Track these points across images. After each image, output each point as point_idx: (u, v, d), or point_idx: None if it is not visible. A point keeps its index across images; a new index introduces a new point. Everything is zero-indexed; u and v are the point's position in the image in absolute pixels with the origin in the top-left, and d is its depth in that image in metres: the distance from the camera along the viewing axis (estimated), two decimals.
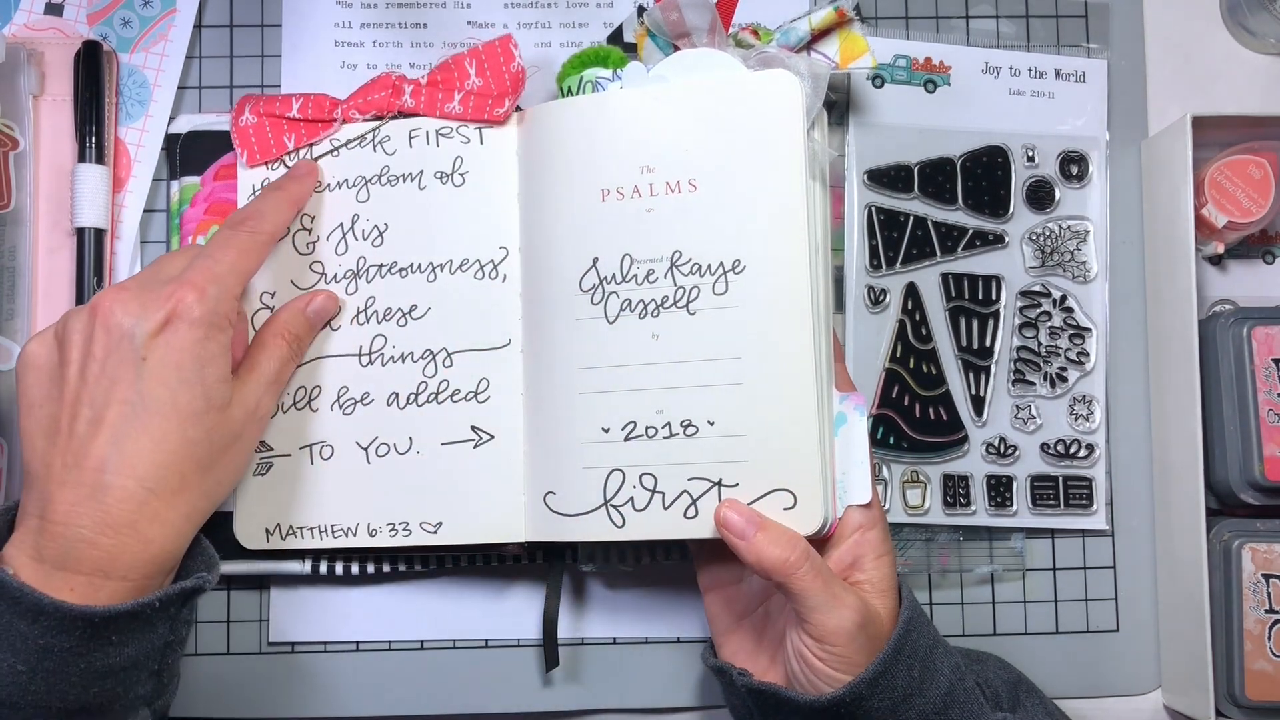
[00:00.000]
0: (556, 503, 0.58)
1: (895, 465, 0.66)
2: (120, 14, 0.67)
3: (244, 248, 0.56)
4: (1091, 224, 0.68)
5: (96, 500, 0.50)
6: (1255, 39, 0.70)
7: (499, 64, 0.62)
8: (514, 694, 0.66)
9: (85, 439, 0.51)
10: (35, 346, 0.53)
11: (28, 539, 0.50)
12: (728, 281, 0.56)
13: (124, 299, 0.52)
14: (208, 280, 0.53)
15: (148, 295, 0.52)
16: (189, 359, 0.52)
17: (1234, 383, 0.64)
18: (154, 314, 0.52)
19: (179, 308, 0.52)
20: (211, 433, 0.53)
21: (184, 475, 0.52)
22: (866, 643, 0.53)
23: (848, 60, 0.60)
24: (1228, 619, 0.63)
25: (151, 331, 0.52)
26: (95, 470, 0.50)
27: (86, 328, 0.52)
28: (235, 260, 0.55)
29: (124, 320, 0.52)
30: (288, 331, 0.59)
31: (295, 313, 0.60)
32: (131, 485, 0.50)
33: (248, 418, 0.56)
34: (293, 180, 0.61)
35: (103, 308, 0.52)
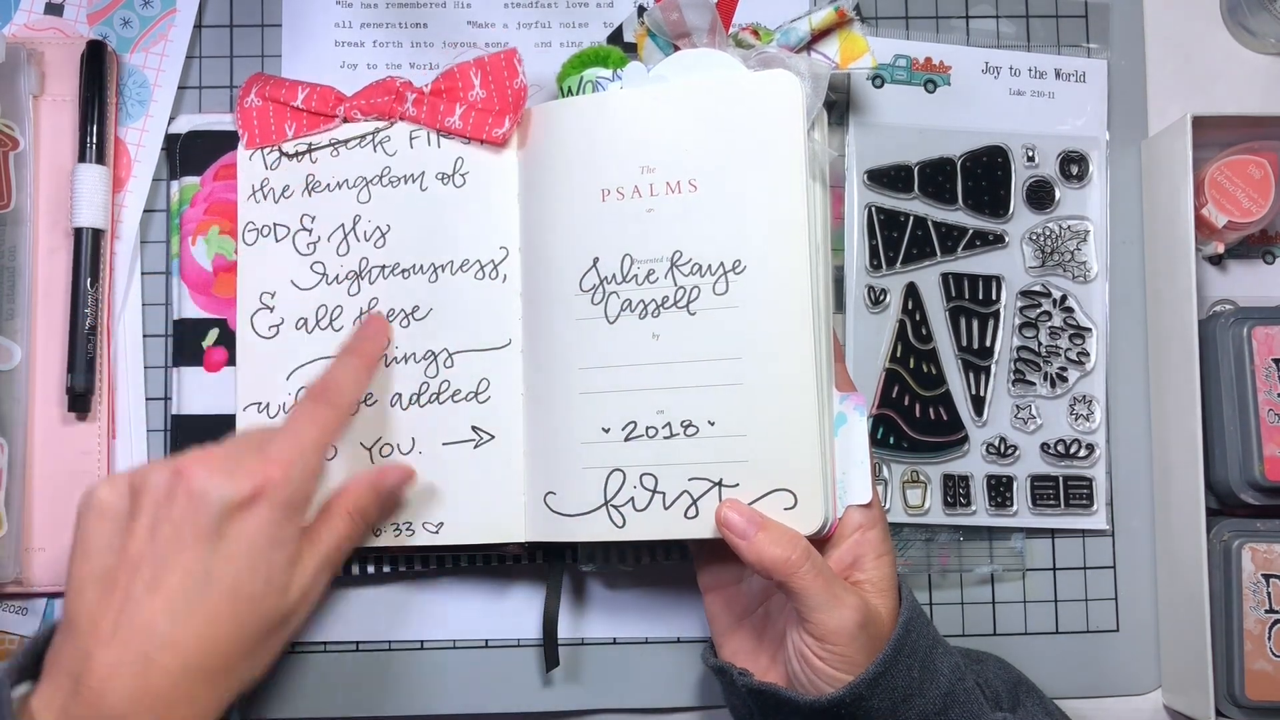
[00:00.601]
0: (557, 503, 0.58)
1: (895, 465, 0.66)
2: (120, 14, 0.67)
3: (326, 423, 0.54)
4: (1091, 224, 0.68)
5: (138, 671, 0.47)
6: (1255, 39, 0.70)
7: (503, 78, 0.62)
8: (514, 694, 0.66)
9: (139, 601, 0.48)
10: (107, 493, 0.50)
11: (58, 698, 0.48)
12: (728, 282, 0.56)
13: (212, 467, 0.50)
14: (294, 459, 0.52)
15: (236, 468, 0.50)
16: (263, 541, 0.50)
17: (1234, 383, 0.64)
18: (240, 487, 0.50)
19: (265, 486, 0.50)
20: (264, 619, 0.51)
21: (229, 659, 0.50)
22: (868, 642, 0.53)
23: (848, 60, 0.60)
24: (1228, 619, 0.63)
25: (234, 506, 0.50)
26: (143, 637, 0.48)
27: (168, 486, 0.50)
28: (318, 437, 0.54)
29: (209, 489, 0.49)
30: (354, 508, 0.56)
31: (365, 488, 0.57)
32: (175, 664, 0.48)
33: (301, 600, 0.53)
34: (365, 341, 0.60)
35: (189, 472, 0.50)
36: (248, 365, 0.63)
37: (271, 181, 0.63)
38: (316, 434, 0.54)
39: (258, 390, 0.63)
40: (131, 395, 0.66)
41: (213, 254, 0.64)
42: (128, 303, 0.66)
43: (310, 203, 0.63)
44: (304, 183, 0.63)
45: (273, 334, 0.63)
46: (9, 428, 0.63)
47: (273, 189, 0.63)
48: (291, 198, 0.63)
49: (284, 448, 0.52)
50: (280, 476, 0.51)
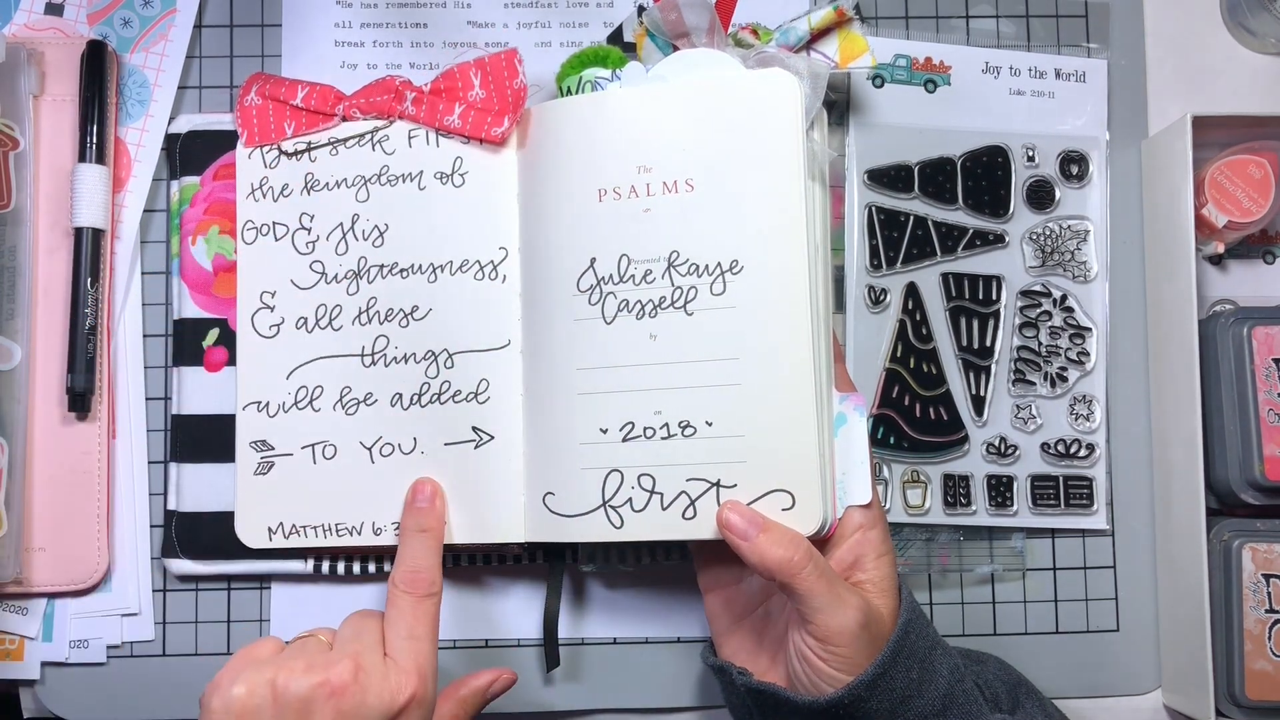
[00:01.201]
0: (556, 503, 0.58)
1: (895, 465, 0.66)
2: (120, 14, 0.67)
3: (433, 618, 0.55)
4: (1091, 224, 0.68)
5: None
6: (1255, 39, 0.70)
7: (503, 78, 0.62)
8: (514, 694, 0.65)
9: None
10: (244, 694, 0.50)
11: None
12: (725, 282, 0.56)
13: (363, 682, 0.51)
14: (429, 670, 0.53)
15: (384, 683, 0.51)
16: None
17: (1234, 383, 0.64)
18: (393, 702, 0.51)
19: (411, 702, 0.52)
20: None
21: None
22: (869, 642, 0.53)
23: (847, 60, 0.60)
24: (1228, 619, 0.63)
25: (392, 714, 0.51)
26: None
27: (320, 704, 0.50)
28: (432, 635, 0.55)
29: (366, 709, 0.50)
30: (465, 715, 0.58)
31: (476, 693, 0.58)
32: None
33: None
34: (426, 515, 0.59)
35: (345, 690, 0.50)
36: (249, 365, 0.63)
37: (270, 180, 0.63)
38: (431, 634, 0.55)
39: (258, 390, 0.63)
40: (131, 395, 0.66)
41: (213, 254, 0.64)
42: (128, 303, 0.66)
43: (309, 201, 0.63)
44: (303, 181, 0.63)
45: (273, 333, 0.63)
46: (9, 428, 0.63)
47: (271, 188, 0.63)
48: (290, 196, 0.63)
49: (416, 657, 0.53)
50: (422, 688, 0.52)
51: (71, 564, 0.64)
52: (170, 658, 0.65)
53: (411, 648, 0.54)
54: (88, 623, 0.65)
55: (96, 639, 0.65)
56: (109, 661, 0.65)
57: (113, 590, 0.65)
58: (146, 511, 0.66)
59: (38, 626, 0.64)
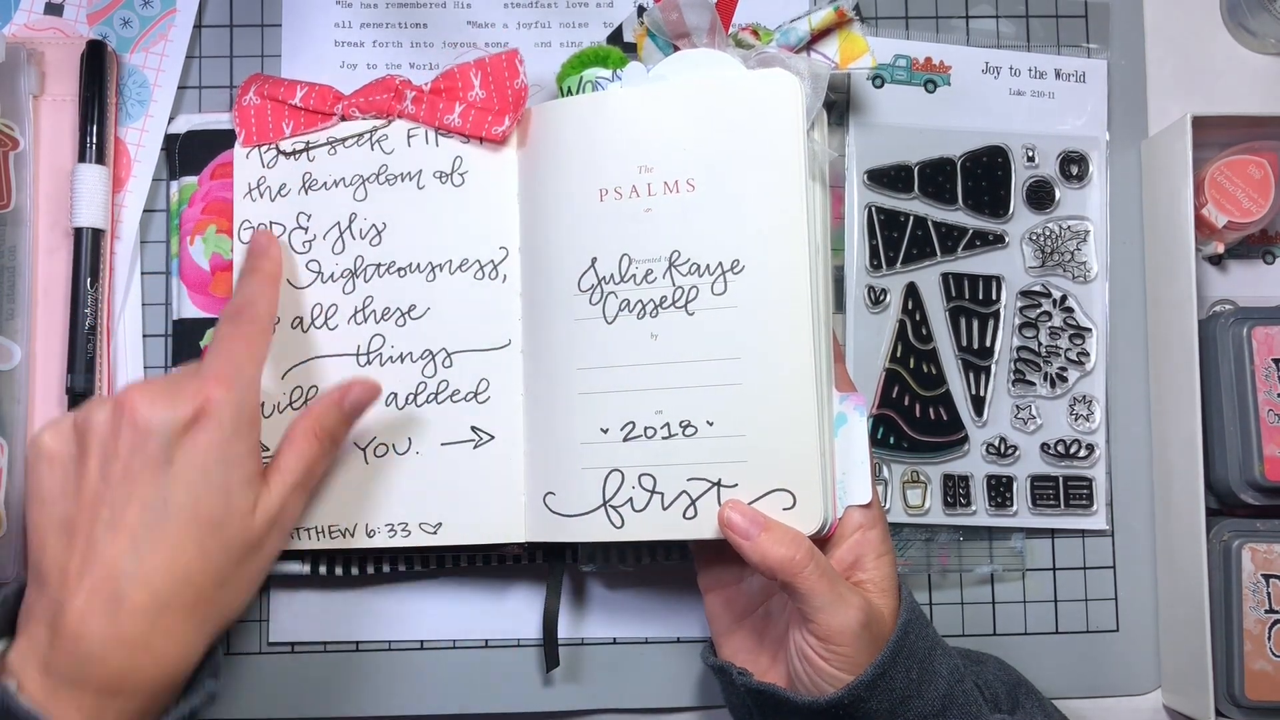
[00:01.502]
0: (556, 503, 0.58)
1: (895, 465, 0.66)
2: (120, 14, 0.67)
3: (251, 336, 0.54)
4: (1091, 224, 0.68)
5: (109, 614, 0.47)
6: (1255, 39, 0.70)
7: (503, 78, 0.61)
8: (514, 694, 0.66)
9: (102, 543, 0.48)
10: (51, 438, 0.50)
11: (36, 650, 0.48)
12: (726, 282, 0.56)
13: (151, 394, 0.50)
14: (231, 373, 0.52)
15: (176, 391, 0.50)
16: (215, 460, 0.50)
17: (1234, 383, 0.64)
18: (183, 410, 0.50)
19: (208, 404, 0.50)
20: (230, 542, 0.51)
21: (200, 589, 0.49)
22: (870, 642, 0.53)
23: (848, 60, 0.60)
24: (1228, 619, 0.63)
25: (180, 429, 0.49)
26: (109, 579, 0.48)
27: (111, 423, 0.50)
28: (248, 349, 0.54)
29: (151, 417, 0.49)
30: (319, 427, 0.56)
31: (329, 406, 0.56)
32: (146, 599, 0.48)
33: (270, 525, 0.53)
34: (260, 258, 0.59)
35: (129, 403, 0.50)
36: None
37: (268, 180, 0.63)
38: (245, 349, 0.54)
39: None
40: None
41: (210, 253, 0.64)
42: (128, 303, 0.66)
43: (306, 201, 0.63)
44: (301, 181, 0.63)
45: None
46: (9, 428, 0.63)
47: (269, 187, 0.63)
48: (288, 196, 0.63)
49: (218, 366, 0.52)
50: (221, 394, 0.51)
51: None
52: None
53: (218, 360, 0.52)
54: None
55: None
56: None
57: None
58: None
59: None
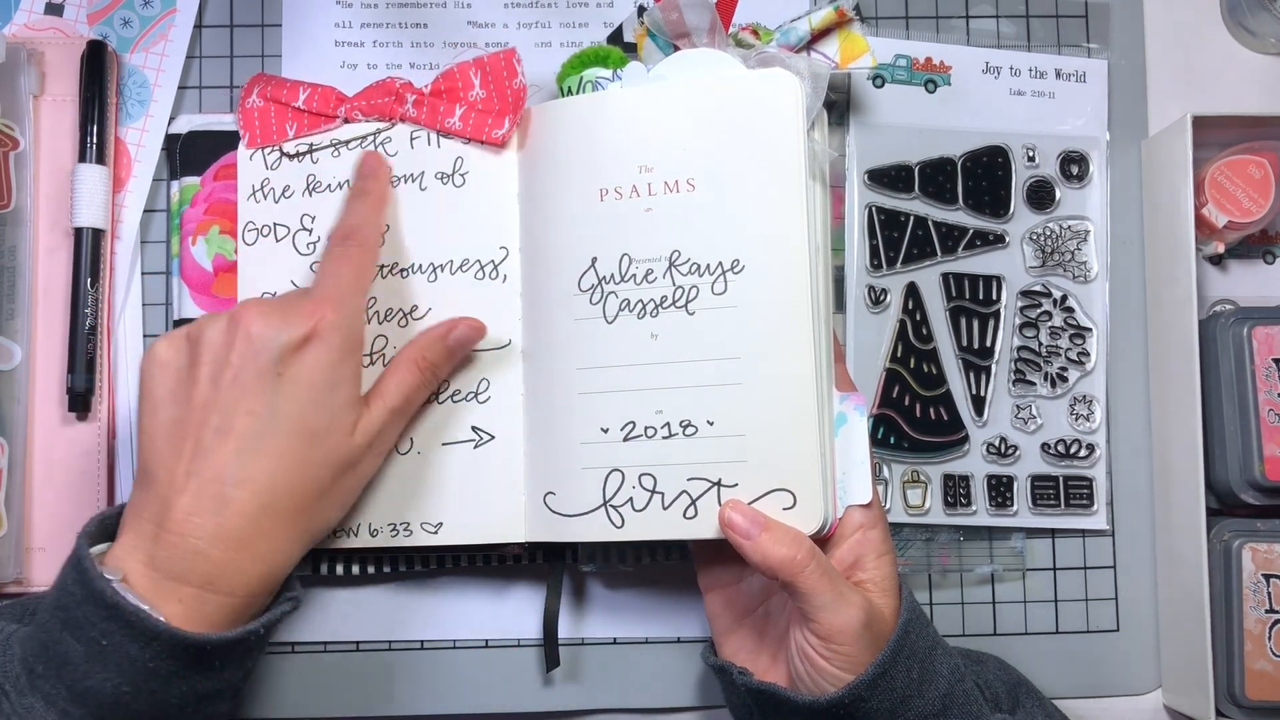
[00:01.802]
0: (556, 503, 0.58)
1: (896, 465, 0.66)
2: (120, 14, 0.67)
3: (359, 262, 0.56)
4: (1092, 224, 0.68)
5: (215, 512, 0.50)
6: (1255, 39, 0.70)
7: (502, 78, 0.61)
8: (514, 694, 0.66)
9: (210, 448, 0.51)
10: (165, 347, 0.53)
11: (142, 545, 0.50)
12: (726, 281, 0.56)
13: (265, 311, 0.52)
14: (342, 298, 0.54)
15: (290, 310, 0.53)
16: (323, 379, 0.52)
17: (1234, 383, 0.64)
18: (296, 329, 0.52)
19: (320, 325, 0.52)
20: (330, 456, 0.53)
21: (300, 497, 0.52)
22: (871, 641, 0.53)
23: (848, 60, 0.60)
24: (1228, 619, 0.63)
25: (292, 346, 0.52)
26: (216, 481, 0.50)
27: (226, 335, 0.52)
28: (357, 275, 0.56)
29: (266, 332, 0.51)
30: (423, 359, 0.57)
31: (433, 340, 0.58)
32: (250, 501, 0.50)
33: (367, 445, 0.55)
34: (370, 179, 0.61)
35: (245, 317, 0.52)
36: None
37: (272, 181, 0.63)
38: (354, 273, 0.56)
39: None
40: (132, 395, 0.66)
41: (213, 254, 0.64)
42: (128, 303, 0.66)
43: (311, 203, 0.63)
44: (305, 183, 0.63)
45: None
46: (9, 428, 0.63)
47: (273, 189, 0.63)
48: (292, 198, 0.63)
49: (330, 289, 0.54)
50: (332, 315, 0.53)
51: None
52: None
53: (327, 282, 0.55)
54: None
55: None
56: None
57: None
58: None
59: None
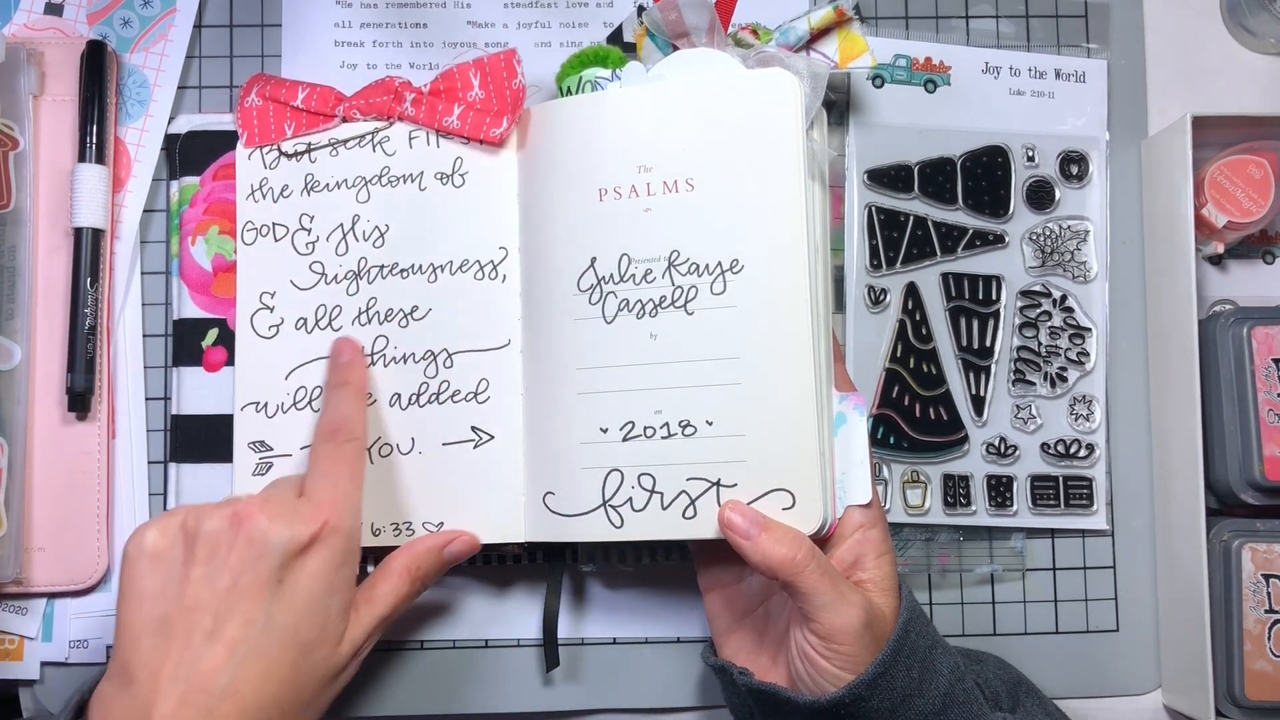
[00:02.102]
0: (555, 503, 0.58)
1: (895, 465, 0.66)
2: (120, 14, 0.67)
3: (353, 460, 0.55)
4: (1091, 224, 0.68)
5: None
6: (1255, 39, 0.70)
7: (501, 78, 0.62)
8: (514, 694, 0.66)
9: (199, 651, 0.49)
10: (156, 536, 0.50)
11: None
12: (725, 281, 0.56)
13: (271, 512, 0.51)
14: (342, 503, 0.53)
15: (293, 513, 0.51)
16: (321, 587, 0.51)
17: (1234, 383, 0.64)
18: (301, 532, 0.51)
19: (323, 532, 0.51)
20: (319, 668, 0.52)
21: (285, 710, 0.50)
22: (872, 641, 0.53)
23: (847, 60, 0.60)
24: (1228, 619, 0.63)
25: (294, 553, 0.50)
26: (204, 690, 0.48)
27: (226, 534, 0.50)
28: (353, 474, 0.55)
29: (270, 534, 0.50)
30: (416, 569, 0.56)
31: (428, 551, 0.57)
32: (235, 716, 0.48)
33: (353, 654, 0.54)
34: (349, 368, 0.59)
35: (249, 518, 0.50)
36: (247, 365, 0.63)
37: (270, 181, 0.63)
38: (349, 472, 0.55)
39: (257, 390, 0.63)
40: (131, 395, 0.66)
41: (212, 254, 0.64)
42: (128, 303, 0.66)
43: (309, 202, 0.63)
44: (303, 182, 0.63)
45: (273, 334, 0.63)
46: (9, 428, 0.63)
47: (272, 189, 0.63)
48: (290, 197, 0.63)
49: (328, 491, 0.53)
50: (335, 520, 0.52)
51: (71, 564, 0.64)
52: None
53: (326, 484, 0.53)
54: (87, 623, 0.65)
55: (96, 639, 0.65)
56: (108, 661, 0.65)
57: (113, 590, 0.65)
58: (146, 512, 0.66)
59: (37, 626, 0.64)
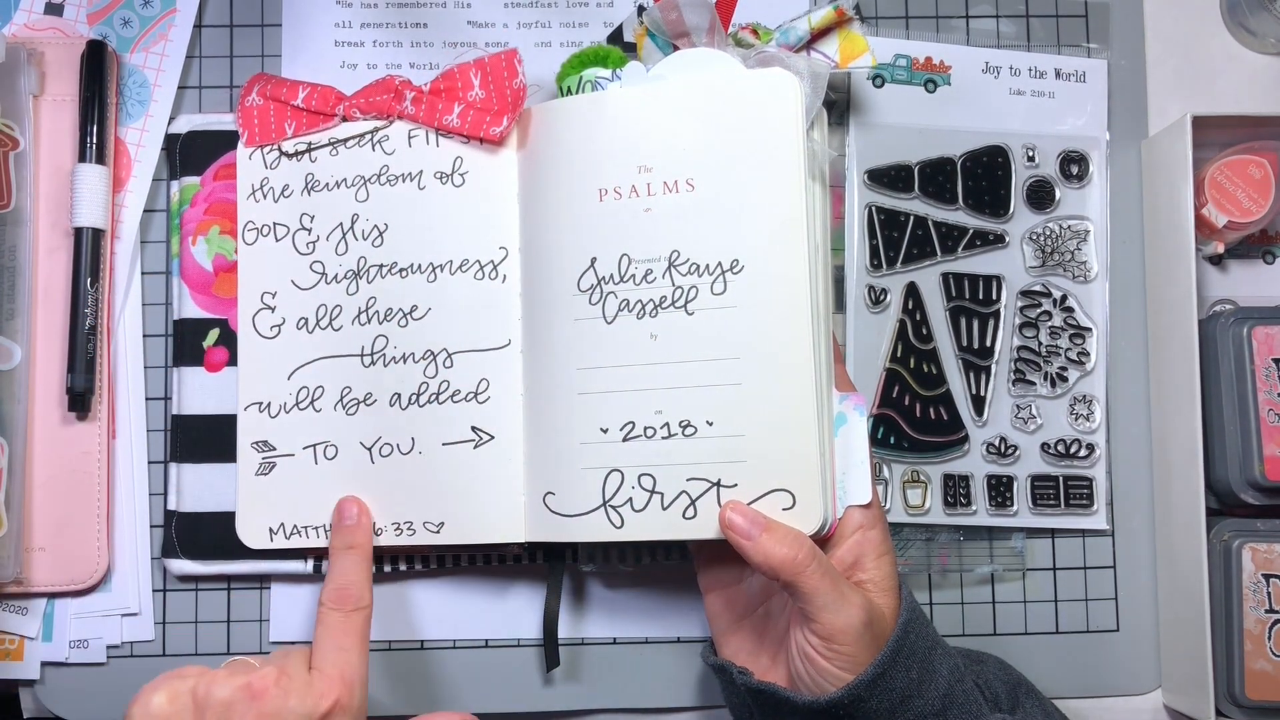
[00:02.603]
0: (556, 503, 0.58)
1: (896, 465, 0.66)
2: (120, 14, 0.67)
3: (361, 630, 0.56)
4: (1091, 224, 0.68)
5: None
6: (1255, 39, 0.70)
7: (502, 78, 0.61)
8: (514, 694, 0.66)
9: None
10: (164, 702, 0.50)
11: None
12: (726, 281, 0.56)
13: (285, 686, 0.51)
14: (351, 673, 0.53)
15: (307, 689, 0.52)
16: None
17: (1234, 383, 0.64)
18: (315, 707, 0.51)
19: (336, 707, 0.52)
20: None
21: None
22: (872, 641, 0.53)
23: (847, 59, 0.60)
24: (1228, 619, 0.63)
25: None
26: None
27: (240, 705, 0.50)
28: (361, 644, 0.55)
29: (283, 708, 0.50)
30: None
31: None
32: None
33: None
34: (353, 532, 0.60)
35: (265, 693, 0.50)
36: (250, 365, 0.63)
37: (271, 181, 0.63)
38: (357, 643, 0.55)
39: (259, 390, 0.63)
40: (131, 395, 0.66)
41: (213, 254, 0.64)
42: (128, 303, 0.66)
43: (309, 202, 0.63)
44: (303, 182, 0.63)
45: (274, 334, 0.63)
46: (9, 428, 0.63)
47: (272, 188, 0.63)
48: (291, 197, 0.63)
49: (337, 663, 0.53)
50: (347, 696, 0.52)
51: (71, 564, 0.64)
52: (170, 658, 0.65)
53: (338, 658, 0.54)
54: (88, 623, 0.65)
55: (96, 639, 0.65)
56: (109, 661, 0.65)
57: (113, 590, 0.65)
58: (146, 511, 0.66)
59: (38, 626, 0.64)
